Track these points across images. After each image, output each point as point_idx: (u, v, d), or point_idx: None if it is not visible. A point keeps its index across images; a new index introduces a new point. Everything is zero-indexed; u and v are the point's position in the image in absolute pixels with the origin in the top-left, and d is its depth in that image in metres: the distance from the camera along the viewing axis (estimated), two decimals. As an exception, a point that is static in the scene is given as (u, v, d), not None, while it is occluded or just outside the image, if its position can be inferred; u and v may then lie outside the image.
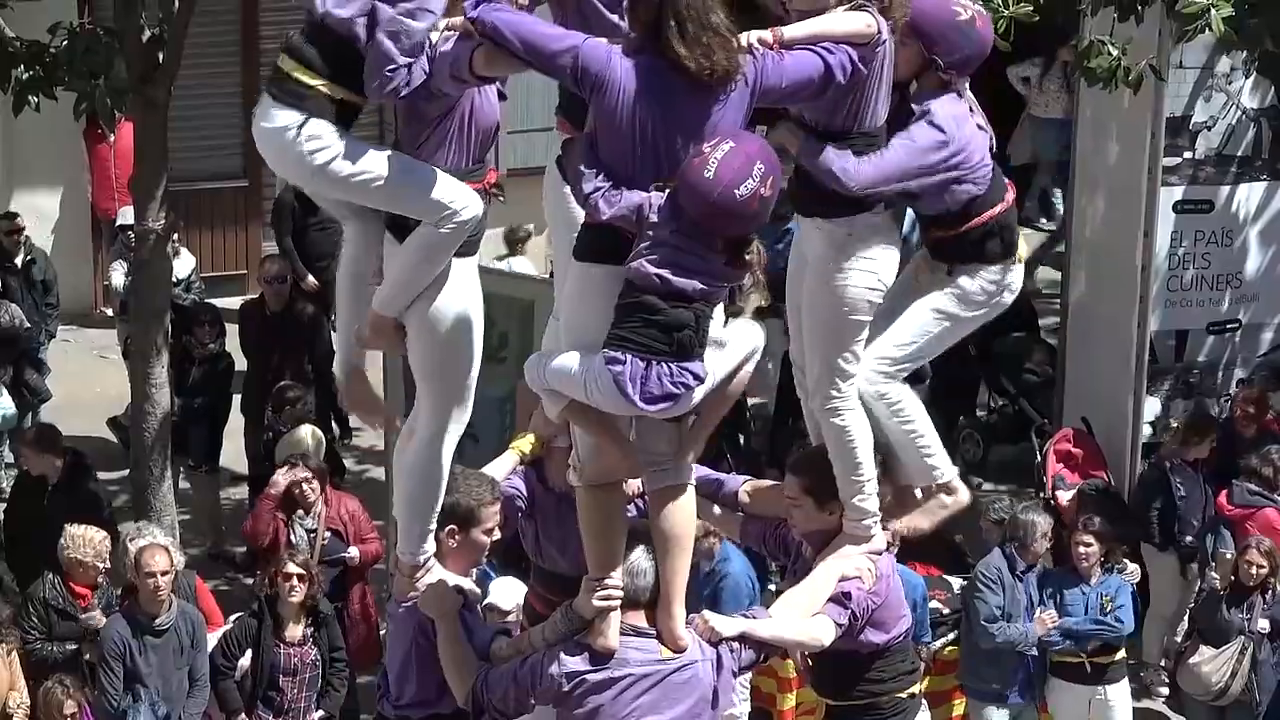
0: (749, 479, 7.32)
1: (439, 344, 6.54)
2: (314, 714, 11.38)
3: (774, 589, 10.79)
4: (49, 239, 17.61)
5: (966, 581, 12.12)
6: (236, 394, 14.92)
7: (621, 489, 6.50)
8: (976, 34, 6.72)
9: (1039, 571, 12.09)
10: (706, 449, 6.68)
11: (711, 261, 6.07)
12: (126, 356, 14.57)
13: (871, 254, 6.61)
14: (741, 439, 14.46)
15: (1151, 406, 14.29)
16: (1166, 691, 13.24)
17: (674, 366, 6.05)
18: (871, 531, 6.88)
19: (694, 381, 6.10)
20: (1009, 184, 6.96)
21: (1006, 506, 12.74)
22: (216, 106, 18.07)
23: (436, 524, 6.74)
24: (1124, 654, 12.22)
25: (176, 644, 11.08)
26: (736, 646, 6.65)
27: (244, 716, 11.34)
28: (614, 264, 6.09)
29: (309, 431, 13.44)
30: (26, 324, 15.14)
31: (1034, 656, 11.97)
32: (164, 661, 11.05)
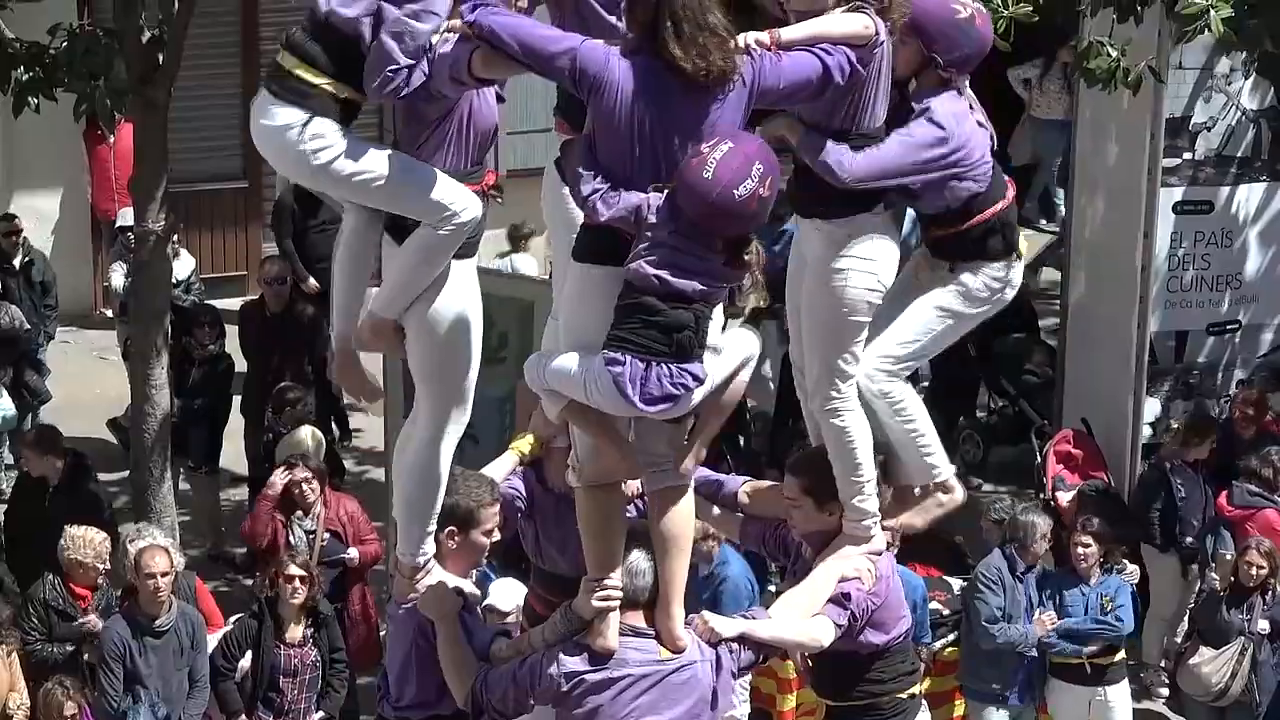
0: (748, 480, 7.32)
1: (438, 345, 6.53)
2: (314, 715, 11.37)
3: (774, 590, 10.78)
4: (49, 240, 17.59)
5: (966, 582, 12.12)
6: (236, 395, 14.91)
7: (621, 490, 6.50)
8: (976, 32, 6.72)
9: (1039, 572, 12.08)
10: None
11: (710, 262, 6.07)
12: (126, 358, 14.57)
13: (871, 254, 6.61)
14: (741, 440, 14.46)
15: (1151, 407, 14.29)
16: (1166, 692, 13.23)
17: (674, 367, 6.05)
18: (871, 532, 6.87)
19: (693, 382, 6.10)
20: (1009, 181, 6.97)
21: (1006, 507, 12.72)
22: (216, 107, 18.05)
23: (436, 525, 6.74)
24: (1124, 655, 12.21)
25: (176, 645, 11.08)
26: (736, 647, 6.65)
27: (244, 718, 11.33)
28: (613, 265, 6.09)
29: (309, 433, 13.44)
30: (26, 325, 15.14)
31: (1034, 657, 11.97)
32: (164, 663, 11.04)
